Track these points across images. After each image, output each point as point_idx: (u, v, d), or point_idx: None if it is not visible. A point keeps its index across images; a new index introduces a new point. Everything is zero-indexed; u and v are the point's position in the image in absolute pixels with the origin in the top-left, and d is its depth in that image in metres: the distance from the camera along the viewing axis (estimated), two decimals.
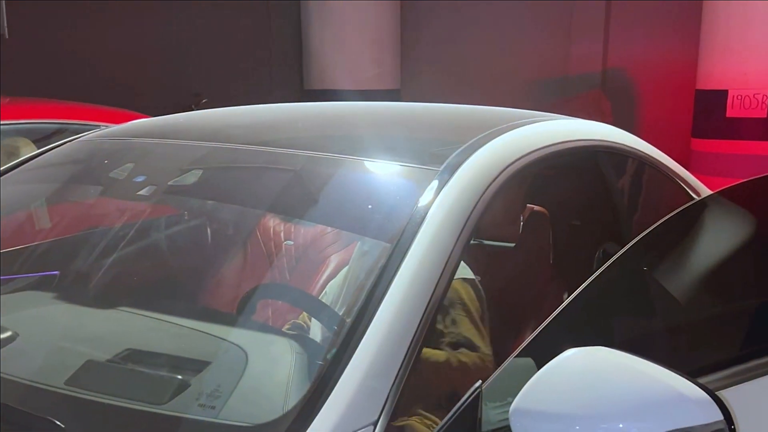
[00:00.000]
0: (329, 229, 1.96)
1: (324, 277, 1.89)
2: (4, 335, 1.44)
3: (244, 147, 1.82)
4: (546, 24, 7.75)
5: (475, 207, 1.40)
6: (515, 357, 1.20)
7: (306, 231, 2.04)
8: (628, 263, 1.44)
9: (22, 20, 5.74)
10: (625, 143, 2.06)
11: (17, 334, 1.46)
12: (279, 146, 1.79)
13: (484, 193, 1.43)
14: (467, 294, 1.73)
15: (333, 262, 1.92)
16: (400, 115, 2.20)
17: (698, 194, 2.17)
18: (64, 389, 1.24)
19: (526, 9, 7.79)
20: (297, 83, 8.91)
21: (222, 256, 2.07)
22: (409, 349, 1.18)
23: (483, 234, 2.15)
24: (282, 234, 2.07)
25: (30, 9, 5.94)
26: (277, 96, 8.69)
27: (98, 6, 6.77)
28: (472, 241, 1.59)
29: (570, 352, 1.13)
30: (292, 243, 2.06)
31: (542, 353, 1.17)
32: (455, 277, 1.54)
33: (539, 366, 1.14)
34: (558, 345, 1.16)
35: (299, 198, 1.74)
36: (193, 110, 7.83)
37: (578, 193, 2.22)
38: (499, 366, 1.21)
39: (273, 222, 2.07)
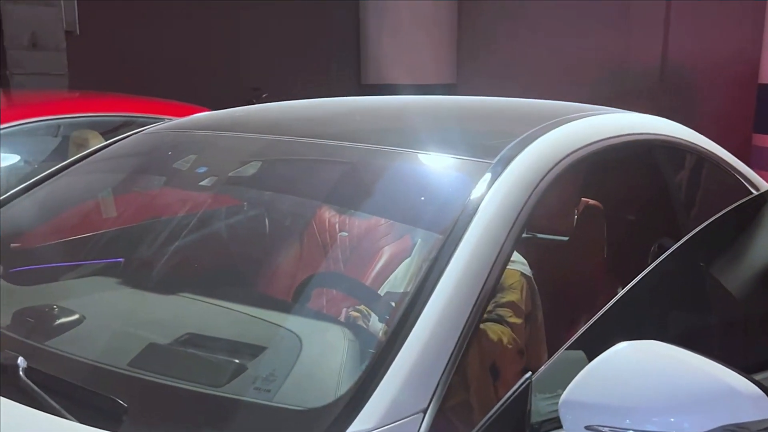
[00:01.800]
0: (383, 220, 1.97)
1: (377, 267, 1.90)
2: (71, 318, 1.50)
3: (302, 140, 1.84)
4: (605, 17, 7.58)
5: (527, 200, 1.39)
6: (566, 349, 1.19)
7: (360, 222, 2.06)
8: (684, 258, 1.41)
9: (92, 18, 5.91)
10: (683, 137, 2.01)
11: (84, 317, 1.51)
12: (336, 139, 1.81)
13: (537, 186, 1.42)
14: (520, 290, 1.72)
15: (386, 253, 1.93)
16: (455, 109, 2.19)
17: (757, 189, 2.10)
18: (127, 370, 1.28)
19: (584, 1, 7.63)
20: (354, 78, 8.95)
21: (279, 246, 2.10)
22: (459, 339, 1.18)
23: (536, 227, 2.13)
24: (337, 225, 2.10)
25: (99, 7, 6.11)
26: (335, 91, 8.73)
27: (163, 4, 6.91)
28: (525, 234, 1.58)
29: (622, 345, 1.11)
30: (346, 234, 2.08)
31: (594, 346, 1.15)
32: (513, 267, 1.53)
33: (590, 359, 1.13)
34: (610, 338, 1.14)
35: (354, 190, 1.76)
36: (252, 103, 7.93)
37: (634, 188, 2.18)
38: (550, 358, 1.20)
39: (328, 213, 2.09)
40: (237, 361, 1.29)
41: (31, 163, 3.49)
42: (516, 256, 1.72)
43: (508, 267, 1.41)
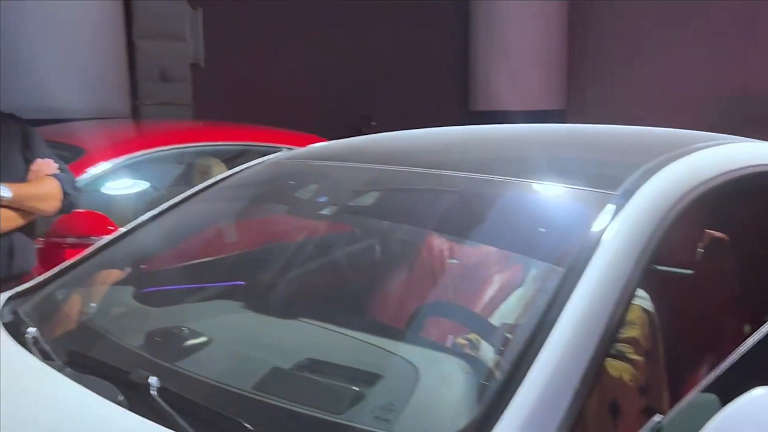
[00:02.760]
0: (494, 249, 1.95)
1: (487, 296, 1.87)
2: (199, 340, 1.55)
3: (417, 170, 1.85)
4: (723, 40, 7.27)
5: (653, 233, 1.34)
6: (698, 392, 1.13)
7: (470, 250, 2.04)
8: None
9: (216, 51, 6.20)
10: None
11: (211, 340, 1.56)
12: (450, 169, 1.81)
13: (663, 218, 1.37)
14: (642, 325, 1.65)
15: (496, 281, 1.90)
16: (571, 137, 2.15)
17: None
18: (252, 393, 1.31)
19: (700, 25, 7.35)
20: (462, 104, 8.95)
21: (389, 272, 2.11)
22: (582, 377, 1.14)
23: (658, 259, 2.04)
24: (446, 252, 2.08)
25: (222, 42, 6.41)
26: (443, 117, 8.76)
27: (280, 40, 7.18)
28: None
29: (760, 391, 1.04)
30: (456, 261, 2.07)
31: (728, 390, 1.09)
32: (634, 302, 1.47)
33: (723, 403, 1.07)
34: (745, 382, 1.07)
35: (466, 218, 1.74)
36: (362, 132, 8.09)
37: (763, 220, 2.05)
38: (672, 398, 1.14)
39: (438, 240, 2.08)
40: (356, 388, 1.30)
41: (158, 189, 3.68)
42: (637, 290, 1.65)
43: None
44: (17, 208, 2.33)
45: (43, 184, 2.41)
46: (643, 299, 1.71)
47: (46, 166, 2.44)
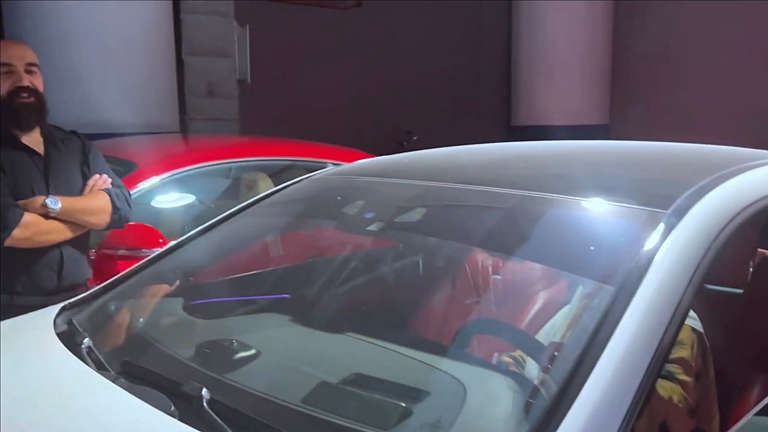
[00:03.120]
0: (538, 266, 1.93)
1: (532, 312, 1.86)
2: (248, 352, 1.57)
3: (462, 186, 1.85)
4: None
5: (706, 253, 1.31)
6: (754, 415, 1.10)
7: (514, 266, 2.03)
8: None
9: (262, 68, 6.30)
10: None
11: (259, 352, 1.58)
12: (496, 186, 1.80)
13: (716, 238, 1.34)
14: (691, 346, 1.62)
15: (541, 298, 1.88)
16: (619, 155, 2.12)
17: None
18: (301, 407, 1.32)
19: (747, 41, 7.21)
20: (504, 119, 8.92)
21: (437, 289, 2.11)
22: (633, 399, 1.12)
23: (709, 278, 2.01)
24: (490, 268, 2.07)
25: (268, 58, 6.51)
26: (484, 131, 8.76)
27: (324, 56, 7.25)
28: None
29: None
30: (500, 277, 2.06)
31: None
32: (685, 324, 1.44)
33: None
34: None
35: (511, 235, 1.74)
36: (404, 146, 8.10)
37: None
38: (722, 421, 1.11)
39: (482, 256, 2.07)
40: (403, 404, 1.30)
41: (205, 202, 3.74)
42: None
43: None
44: (67, 221, 2.38)
45: (94, 199, 2.46)
46: (692, 319, 1.67)
47: (100, 180, 2.50)
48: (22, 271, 2.36)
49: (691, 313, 1.68)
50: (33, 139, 2.43)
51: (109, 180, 2.53)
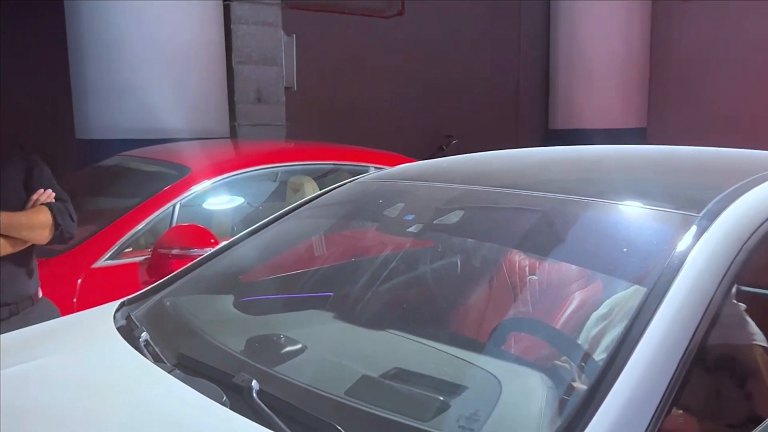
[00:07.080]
0: (574, 267, 1.94)
1: (567, 312, 1.86)
2: (295, 347, 1.61)
3: (500, 190, 1.87)
4: None
5: (737, 256, 1.31)
6: None
7: (550, 267, 2.03)
8: None
9: (308, 75, 6.37)
10: None
11: (305, 347, 1.62)
12: (532, 189, 1.82)
13: (747, 241, 1.33)
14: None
15: (576, 299, 1.88)
16: (653, 159, 2.11)
17: None
18: (344, 399, 1.35)
19: None
20: (542, 123, 8.85)
21: (475, 288, 2.13)
22: (662, 398, 1.13)
23: (742, 279, 1.98)
24: (527, 269, 2.08)
25: (314, 66, 6.58)
26: (522, 135, 8.71)
27: (367, 63, 7.29)
28: None
29: None
30: (536, 278, 2.06)
31: None
32: (754, 342, 1.43)
33: None
34: None
35: (548, 237, 1.74)
36: (444, 150, 8.08)
37: None
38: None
39: (519, 257, 2.08)
40: (441, 398, 1.32)
41: (254, 204, 3.81)
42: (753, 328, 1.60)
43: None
44: (6, 236, 2.29)
45: (35, 214, 2.36)
46: (762, 338, 1.62)
47: (44, 195, 2.40)
48: None
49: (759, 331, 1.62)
50: None
51: (53, 194, 2.42)
